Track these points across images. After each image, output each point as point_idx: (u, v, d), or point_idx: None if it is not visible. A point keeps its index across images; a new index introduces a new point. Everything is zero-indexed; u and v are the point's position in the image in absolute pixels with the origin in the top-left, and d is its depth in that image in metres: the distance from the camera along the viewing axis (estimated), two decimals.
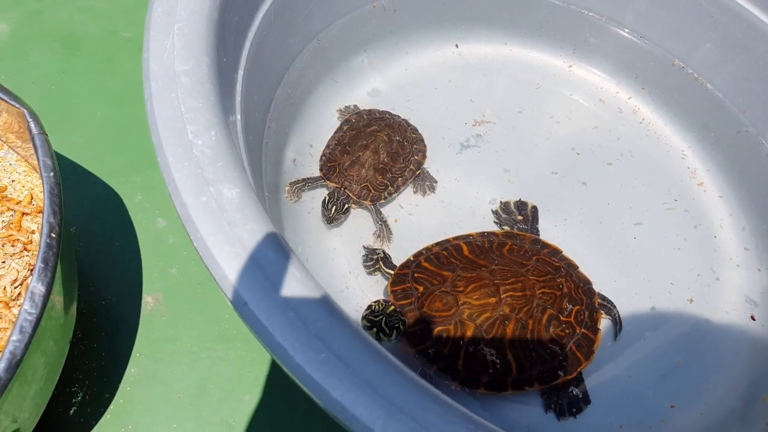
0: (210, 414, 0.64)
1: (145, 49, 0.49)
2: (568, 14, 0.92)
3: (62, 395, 0.64)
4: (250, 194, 0.44)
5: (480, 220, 0.78)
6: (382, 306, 0.58)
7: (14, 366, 0.44)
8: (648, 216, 0.81)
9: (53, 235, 0.49)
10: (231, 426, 0.64)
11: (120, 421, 0.63)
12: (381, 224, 0.75)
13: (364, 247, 0.73)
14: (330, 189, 0.77)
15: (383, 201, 0.77)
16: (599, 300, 0.69)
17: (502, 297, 0.61)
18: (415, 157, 0.80)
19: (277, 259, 0.41)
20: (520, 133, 0.87)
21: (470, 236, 0.72)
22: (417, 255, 0.69)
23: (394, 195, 0.78)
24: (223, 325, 0.70)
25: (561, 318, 0.63)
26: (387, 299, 0.60)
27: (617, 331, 0.70)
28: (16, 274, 0.58)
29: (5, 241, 0.59)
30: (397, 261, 0.71)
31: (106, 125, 0.85)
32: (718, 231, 0.81)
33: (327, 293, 0.41)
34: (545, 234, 0.76)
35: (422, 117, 0.86)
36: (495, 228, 0.77)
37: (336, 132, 0.82)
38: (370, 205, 0.76)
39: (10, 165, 0.65)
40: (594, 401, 0.65)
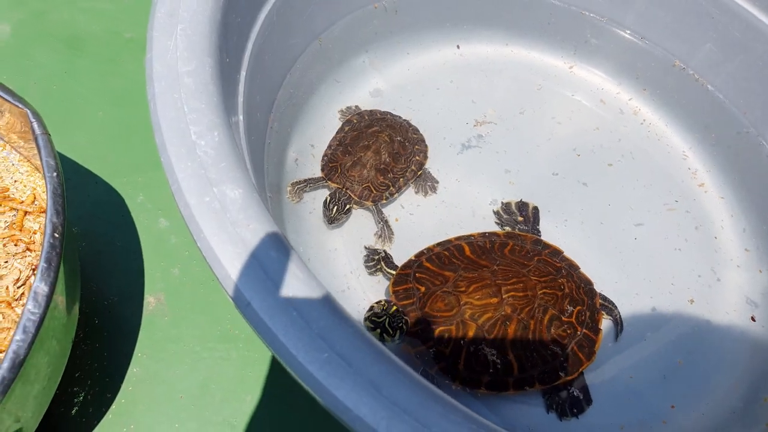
0: (212, 414, 0.65)
1: (149, 50, 0.49)
2: (569, 15, 0.92)
3: (64, 395, 0.64)
4: (253, 195, 0.44)
5: (480, 221, 0.78)
6: (385, 306, 0.58)
7: (18, 365, 0.44)
8: (649, 217, 0.81)
9: (56, 236, 0.49)
10: (233, 426, 0.64)
11: (122, 421, 0.63)
12: (382, 224, 0.75)
13: (366, 248, 0.74)
14: (331, 189, 0.77)
15: (385, 201, 0.77)
16: (600, 301, 0.69)
17: (504, 297, 0.61)
18: (417, 158, 0.80)
19: (280, 259, 0.41)
20: (522, 134, 0.87)
21: (472, 236, 0.72)
22: (419, 255, 0.69)
23: (396, 195, 0.78)
24: (225, 325, 0.70)
25: (562, 318, 0.63)
26: (389, 300, 0.60)
27: (618, 332, 0.70)
28: (19, 274, 0.58)
29: (8, 241, 0.59)
30: (398, 261, 0.71)
31: (108, 125, 0.85)
32: (719, 232, 0.81)
33: (329, 293, 0.41)
34: (546, 235, 0.77)
35: (424, 117, 0.87)
36: (496, 228, 0.77)
37: (337, 132, 0.82)
38: (372, 206, 0.76)
39: (13, 165, 0.65)
40: (595, 401, 0.65)
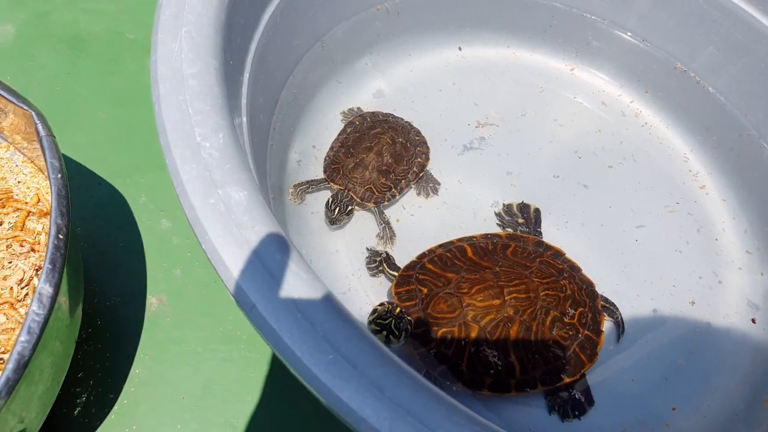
0: (214, 415, 0.65)
1: (153, 52, 0.49)
2: (571, 17, 0.92)
3: (67, 396, 0.64)
4: (258, 197, 0.44)
5: (481, 222, 0.78)
6: (389, 308, 0.58)
7: (22, 366, 0.44)
8: (650, 219, 0.81)
9: (61, 237, 0.49)
10: (235, 427, 0.64)
11: (124, 422, 0.64)
12: (384, 226, 0.75)
13: (368, 249, 0.74)
14: (334, 191, 0.77)
15: (386, 203, 0.77)
16: (602, 302, 0.69)
17: (506, 299, 0.61)
18: (419, 159, 0.80)
19: (285, 261, 0.41)
20: (523, 136, 0.87)
21: (474, 238, 0.72)
22: (421, 257, 0.69)
23: (398, 197, 0.78)
24: (228, 327, 0.70)
25: (564, 320, 0.63)
26: (392, 301, 0.60)
27: (620, 334, 0.70)
28: (23, 275, 0.58)
29: (12, 242, 0.59)
30: (399, 262, 0.71)
31: (111, 126, 0.85)
32: (720, 234, 0.81)
33: (334, 295, 0.41)
34: (547, 236, 0.77)
35: (426, 119, 0.87)
36: (497, 230, 0.77)
37: (340, 134, 0.82)
38: (374, 207, 0.76)
39: (17, 166, 0.65)
40: (597, 403, 0.65)
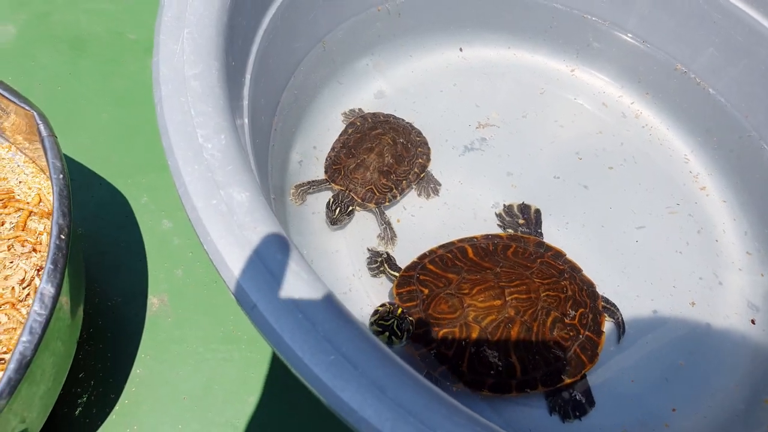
0: (215, 415, 0.65)
1: (155, 53, 0.49)
2: (571, 18, 0.92)
3: (68, 396, 0.64)
4: (260, 197, 0.44)
5: (482, 223, 0.78)
6: (391, 309, 0.58)
7: (24, 366, 0.44)
8: (650, 220, 0.81)
9: (62, 237, 0.49)
10: (236, 427, 0.64)
11: (125, 422, 0.64)
12: (385, 226, 0.76)
13: (369, 249, 0.74)
14: (335, 191, 0.77)
15: (387, 204, 0.77)
16: (603, 303, 0.69)
17: (507, 299, 0.61)
18: (420, 160, 0.81)
19: (286, 262, 0.42)
20: (524, 137, 0.87)
21: (474, 239, 0.72)
22: (422, 257, 0.69)
23: (398, 198, 0.78)
24: (228, 327, 0.70)
25: (565, 321, 0.63)
26: (393, 302, 0.60)
27: (620, 335, 0.70)
28: (24, 275, 0.58)
29: (13, 242, 0.59)
30: (399, 262, 0.71)
31: (112, 126, 0.85)
32: (721, 235, 0.81)
33: (335, 295, 0.41)
34: (547, 237, 0.77)
35: (426, 120, 0.87)
36: (498, 231, 0.77)
37: (341, 135, 0.82)
38: (375, 208, 0.76)
39: (18, 166, 0.66)
40: (597, 403, 0.65)
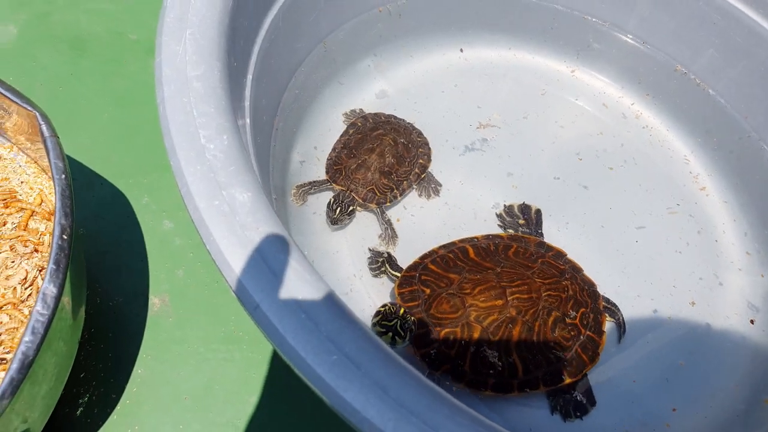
0: (216, 415, 0.65)
1: (158, 54, 0.49)
2: (572, 19, 0.92)
3: (69, 396, 0.64)
4: (262, 198, 0.44)
5: (482, 223, 0.79)
6: (393, 309, 0.58)
7: (26, 366, 0.44)
8: (651, 220, 0.82)
9: (65, 237, 0.50)
10: (237, 427, 0.64)
11: (126, 422, 0.64)
12: (386, 226, 0.76)
13: (370, 250, 0.74)
14: (336, 192, 0.77)
15: (388, 204, 0.77)
16: (603, 303, 0.69)
17: (509, 299, 0.62)
18: (420, 161, 0.81)
19: (289, 262, 0.42)
20: (525, 138, 0.88)
21: (475, 239, 0.72)
22: (423, 257, 0.69)
23: (399, 198, 0.78)
24: (229, 327, 0.70)
25: (566, 320, 0.63)
26: (395, 303, 0.60)
27: (621, 334, 0.70)
28: (26, 275, 0.58)
29: (16, 242, 0.59)
30: (399, 262, 0.71)
31: (113, 127, 0.85)
32: (721, 236, 0.82)
33: (337, 295, 0.41)
34: (548, 237, 0.77)
35: (427, 120, 0.87)
36: (498, 231, 0.77)
37: (342, 135, 0.82)
38: (376, 208, 0.76)
39: (20, 167, 0.66)
40: (598, 403, 0.65)
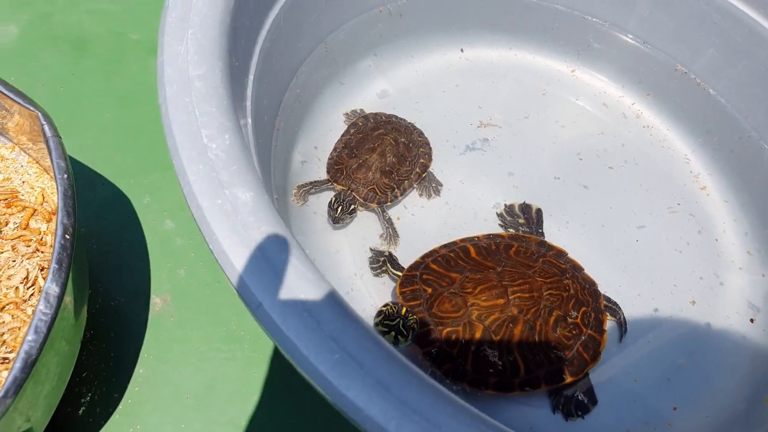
0: (217, 414, 0.65)
1: (160, 54, 0.49)
2: (572, 19, 0.92)
3: (71, 395, 0.64)
4: (264, 197, 0.44)
5: (483, 222, 0.79)
6: (395, 309, 0.58)
7: (30, 365, 0.44)
8: (651, 219, 0.82)
9: (67, 237, 0.50)
10: (238, 426, 0.64)
11: (128, 421, 0.64)
12: (387, 226, 0.76)
13: (371, 249, 0.74)
14: (337, 191, 0.77)
15: (389, 203, 0.77)
16: (605, 302, 0.69)
17: (510, 298, 0.62)
18: (421, 160, 0.81)
19: (291, 261, 0.42)
20: (525, 138, 0.88)
21: (476, 238, 0.72)
22: (425, 257, 0.70)
23: (400, 197, 0.79)
24: (231, 326, 0.71)
25: (568, 319, 0.63)
26: (397, 302, 0.60)
27: (622, 333, 0.71)
28: (27, 274, 0.58)
29: (18, 242, 0.59)
30: (400, 261, 0.71)
31: (115, 127, 0.86)
32: (721, 235, 0.82)
33: (340, 294, 0.41)
34: (549, 237, 0.77)
35: (428, 120, 0.87)
36: (499, 230, 0.78)
37: (343, 135, 0.82)
38: (377, 208, 0.77)
39: (22, 167, 0.66)
40: (600, 402, 0.65)
